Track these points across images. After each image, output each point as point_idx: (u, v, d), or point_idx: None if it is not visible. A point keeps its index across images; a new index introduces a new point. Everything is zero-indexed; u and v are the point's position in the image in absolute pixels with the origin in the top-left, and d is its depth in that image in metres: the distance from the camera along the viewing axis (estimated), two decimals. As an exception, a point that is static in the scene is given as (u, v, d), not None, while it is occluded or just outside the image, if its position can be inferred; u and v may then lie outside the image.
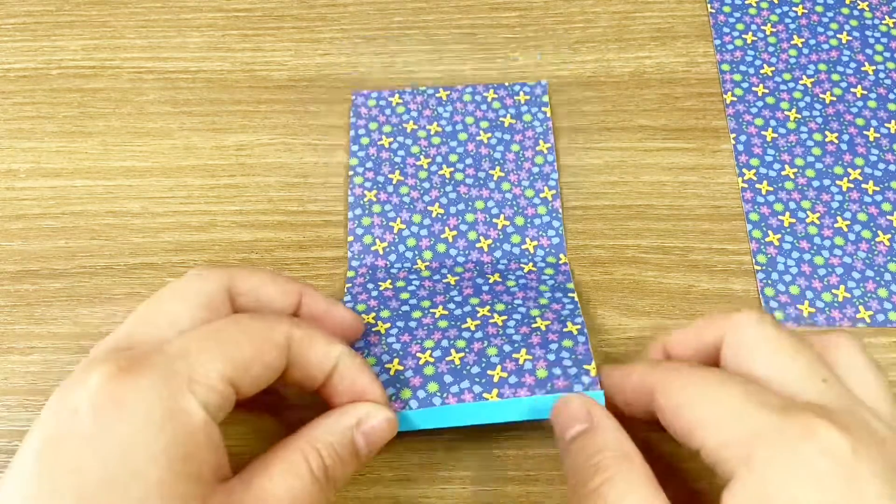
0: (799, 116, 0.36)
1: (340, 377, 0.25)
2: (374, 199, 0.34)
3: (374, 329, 0.29)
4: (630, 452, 0.23)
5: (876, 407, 0.22)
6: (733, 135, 0.35)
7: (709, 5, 0.39)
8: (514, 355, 0.27)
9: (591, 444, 0.23)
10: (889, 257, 0.32)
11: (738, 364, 0.23)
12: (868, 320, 0.31)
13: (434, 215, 0.34)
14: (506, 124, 0.36)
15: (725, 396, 0.22)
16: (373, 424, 0.24)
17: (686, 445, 0.22)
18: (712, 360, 0.25)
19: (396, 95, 0.36)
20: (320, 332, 0.25)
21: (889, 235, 0.33)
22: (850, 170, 0.34)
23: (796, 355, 0.23)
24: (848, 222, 0.33)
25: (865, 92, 0.36)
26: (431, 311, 0.30)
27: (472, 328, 0.29)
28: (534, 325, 0.28)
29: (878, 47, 0.37)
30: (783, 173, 0.34)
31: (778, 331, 0.23)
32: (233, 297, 0.25)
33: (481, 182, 0.34)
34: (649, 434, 0.25)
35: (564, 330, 0.28)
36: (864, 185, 0.34)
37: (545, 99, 0.36)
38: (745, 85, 0.37)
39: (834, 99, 0.36)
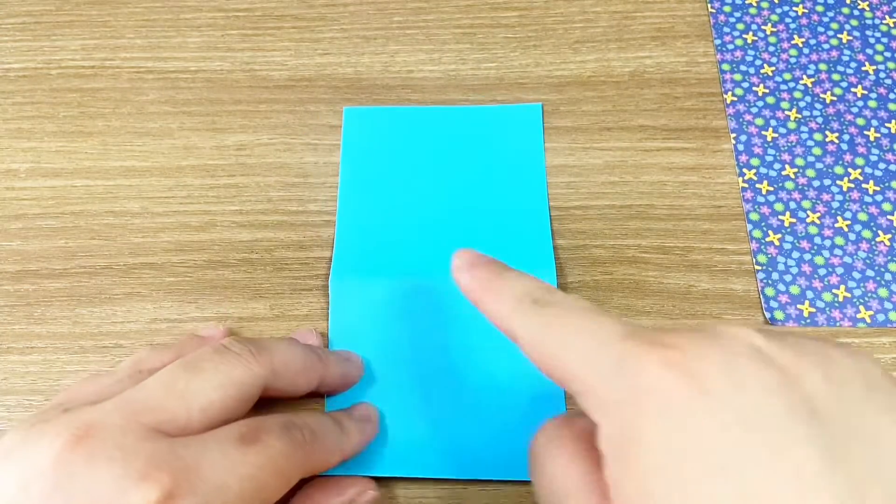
0: (799, 116, 0.36)
1: None
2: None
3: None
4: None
5: None
6: (733, 135, 0.35)
7: (709, 5, 0.39)
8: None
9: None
10: (889, 257, 0.32)
11: None
12: (868, 320, 0.31)
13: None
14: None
15: (575, 341, 0.20)
16: (366, 500, 0.26)
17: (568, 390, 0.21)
18: None
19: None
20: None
21: (889, 235, 0.33)
22: (850, 170, 0.34)
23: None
24: (848, 222, 0.33)
25: (866, 92, 0.36)
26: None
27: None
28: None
29: (879, 47, 0.37)
30: (783, 173, 0.34)
31: None
32: (264, 386, 0.25)
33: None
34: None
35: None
36: (864, 185, 0.34)
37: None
38: (745, 85, 0.37)
39: (834, 99, 0.36)
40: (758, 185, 0.34)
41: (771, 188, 0.34)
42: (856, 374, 0.18)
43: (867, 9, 0.39)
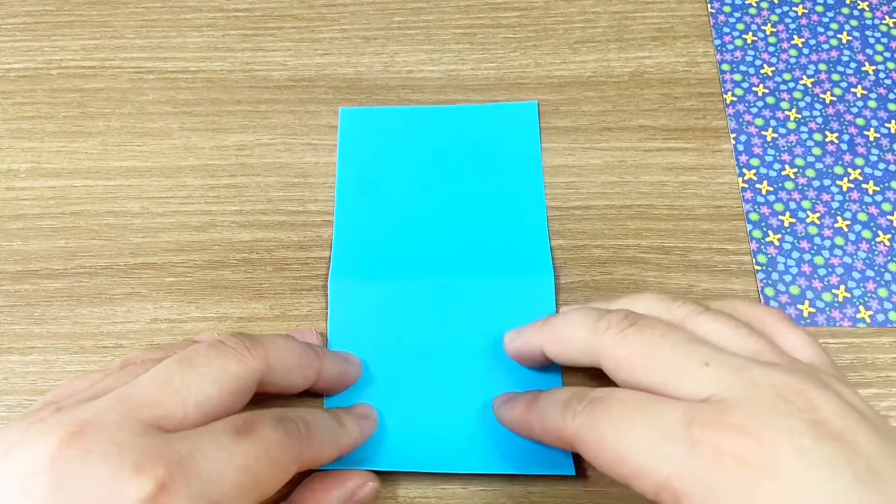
0: (799, 116, 0.36)
1: None
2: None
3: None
4: None
5: (811, 361, 0.22)
6: (733, 135, 0.35)
7: (709, 5, 0.39)
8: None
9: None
10: (889, 257, 0.32)
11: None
12: (868, 320, 0.31)
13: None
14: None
15: (638, 437, 0.21)
16: (367, 493, 0.26)
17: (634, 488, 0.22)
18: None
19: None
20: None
21: (889, 235, 0.33)
22: (850, 170, 0.34)
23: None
24: (848, 222, 0.33)
25: (865, 92, 0.36)
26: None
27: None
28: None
29: (879, 47, 0.37)
30: (783, 173, 0.34)
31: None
32: (260, 381, 0.25)
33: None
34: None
35: None
36: (864, 185, 0.34)
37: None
38: (745, 85, 0.37)
39: (834, 99, 0.36)
40: (758, 185, 0.34)
41: (771, 188, 0.34)
42: (882, 418, 0.21)
43: (867, 9, 0.39)
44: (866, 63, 0.37)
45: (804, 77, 0.37)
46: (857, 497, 0.18)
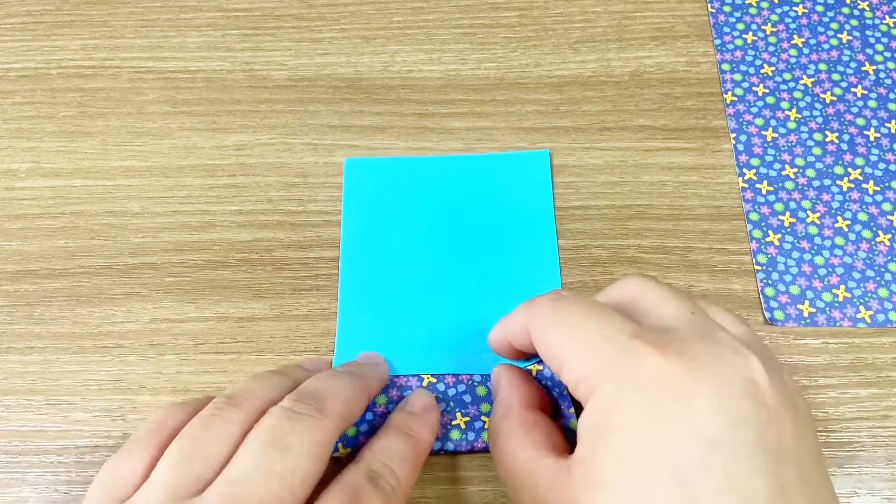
0: (799, 116, 0.36)
1: None
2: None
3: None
4: (512, 406, 0.25)
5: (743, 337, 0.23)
6: (733, 135, 0.35)
7: (709, 5, 0.39)
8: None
9: (494, 411, 0.26)
10: (889, 257, 0.32)
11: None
12: (868, 320, 0.31)
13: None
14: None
15: (583, 331, 0.22)
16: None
17: (560, 379, 0.23)
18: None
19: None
20: None
21: (889, 235, 0.33)
22: (850, 170, 0.34)
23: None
24: (848, 222, 0.33)
25: (866, 92, 0.36)
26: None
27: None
28: None
29: (879, 47, 0.37)
30: (783, 173, 0.34)
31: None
32: None
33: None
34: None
35: None
36: (864, 185, 0.34)
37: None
38: (745, 85, 0.37)
39: (834, 99, 0.36)
40: (758, 185, 0.34)
41: (771, 188, 0.34)
42: (813, 426, 0.21)
43: (867, 9, 0.39)
44: (866, 63, 0.37)
45: (804, 77, 0.37)
46: (754, 462, 0.19)
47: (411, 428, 0.27)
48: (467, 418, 0.29)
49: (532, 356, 0.28)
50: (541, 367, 0.29)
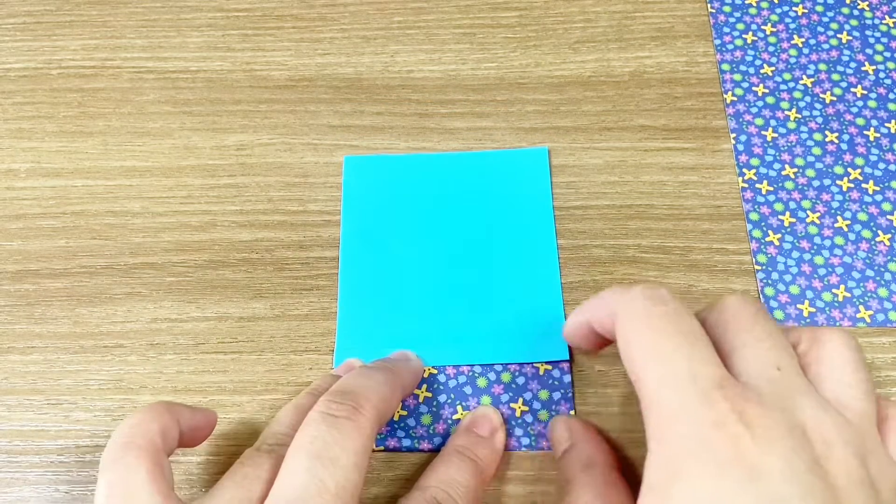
0: (799, 116, 0.36)
1: None
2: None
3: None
4: (595, 460, 0.25)
5: (845, 403, 0.22)
6: (733, 134, 0.35)
7: (709, 5, 0.39)
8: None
9: (566, 459, 0.26)
10: (889, 257, 0.32)
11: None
12: (868, 320, 0.31)
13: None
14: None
15: (670, 356, 0.21)
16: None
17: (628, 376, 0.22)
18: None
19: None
20: None
21: (889, 235, 0.33)
22: (850, 169, 0.34)
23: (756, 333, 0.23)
24: (848, 222, 0.33)
25: (865, 92, 0.36)
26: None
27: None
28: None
29: (879, 47, 0.37)
30: (783, 173, 0.34)
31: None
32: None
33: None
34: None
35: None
36: (864, 185, 0.34)
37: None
38: (745, 85, 0.37)
39: (834, 99, 0.36)
40: (758, 185, 0.34)
41: (771, 188, 0.34)
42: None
43: (867, 9, 0.39)
44: (866, 63, 0.37)
45: (804, 77, 0.37)
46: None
47: (476, 454, 0.27)
48: (467, 412, 0.29)
49: (605, 345, 0.27)
50: (526, 409, 0.29)
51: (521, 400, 0.29)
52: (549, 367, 0.30)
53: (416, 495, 0.24)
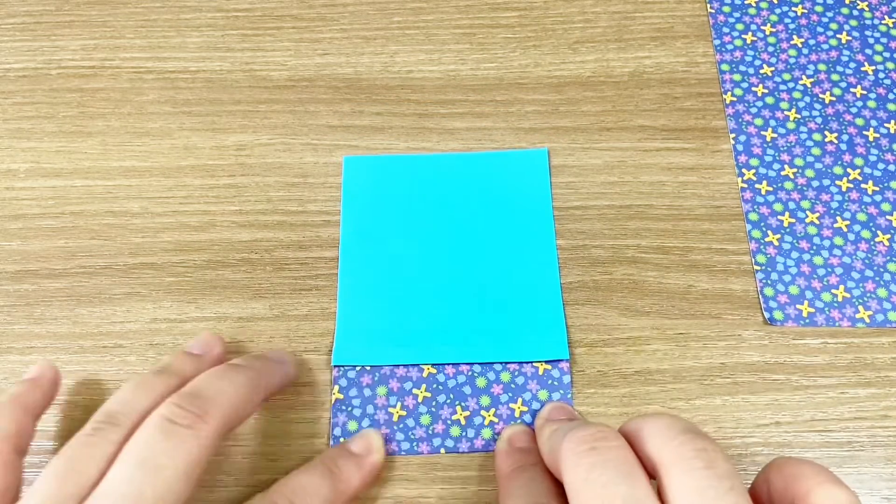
0: (798, 116, 0.36)
1: None
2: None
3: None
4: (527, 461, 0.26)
5: None
6: (733, 135, 0.35)
7: (708, 5, 0.39)
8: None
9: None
10: (888, 257, 0.32)
11: None
12: (867, 320, 0.31)
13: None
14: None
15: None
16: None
17: None
18: None
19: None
20: None
21: (888, 235, 0.33)
22: (849, 170, 0.34)
23: None
24: (847, 222, 0.33)
25: (865, 92, 0.36)
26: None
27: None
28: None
29: (878, 47, 0.37)
30: (783, 173, 0.34)
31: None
32: None
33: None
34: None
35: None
36: (863, 185, 0.34)
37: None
38: (744, 85, 0.37)
39: (833, 99, 0.36)
40: (757, 186, 0.34)
41: (770, 188, 0.34)
42: None
43: (866, 9, 0.39)
44: (866, 63, 0.37)
45: (804, 77, 0.37)
46: None
47: (339, 467, 0.26)
48: (467, 413, 0.29)
49: None
50: (525, 409, 0.30)
51: (520, 400, 0.29)
52: (549, 366, 0.30)
53: (258, 498, 0.24)
